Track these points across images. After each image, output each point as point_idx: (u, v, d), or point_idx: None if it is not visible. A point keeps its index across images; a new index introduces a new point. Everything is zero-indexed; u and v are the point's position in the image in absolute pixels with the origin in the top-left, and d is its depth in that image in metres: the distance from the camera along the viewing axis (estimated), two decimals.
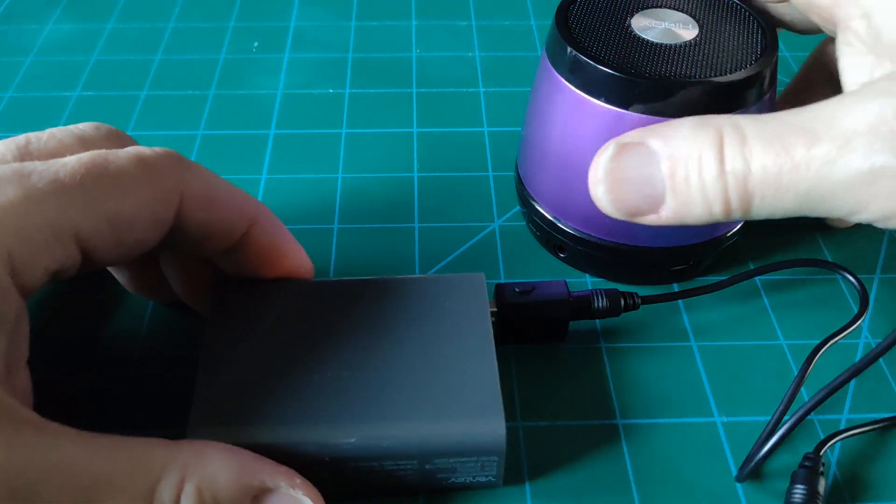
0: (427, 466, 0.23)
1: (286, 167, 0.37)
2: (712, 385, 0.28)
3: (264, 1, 0.50)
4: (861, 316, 0.29)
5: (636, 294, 0.29)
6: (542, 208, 0.31)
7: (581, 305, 0.28)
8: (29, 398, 0.21)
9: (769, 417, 0.26)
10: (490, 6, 0.49)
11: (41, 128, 0.24)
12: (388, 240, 0.33)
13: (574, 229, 0.30)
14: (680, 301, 0.31)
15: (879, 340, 0.29)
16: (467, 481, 0.24)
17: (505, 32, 0.47)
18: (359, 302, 0.26)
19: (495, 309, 0.28)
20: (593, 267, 0.32)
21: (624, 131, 0.24)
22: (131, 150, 0.22)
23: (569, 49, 0.27)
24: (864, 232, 0.34)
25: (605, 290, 0.29)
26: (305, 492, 0.22)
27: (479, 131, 0.39)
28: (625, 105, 0.27)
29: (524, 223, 0.34)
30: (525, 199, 0.32)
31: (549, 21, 0.48)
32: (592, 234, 0.30)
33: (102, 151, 0.22)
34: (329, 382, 0.24)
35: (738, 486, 0.25)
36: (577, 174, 0.29)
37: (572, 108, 0.28)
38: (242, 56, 0.45)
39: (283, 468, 0.22)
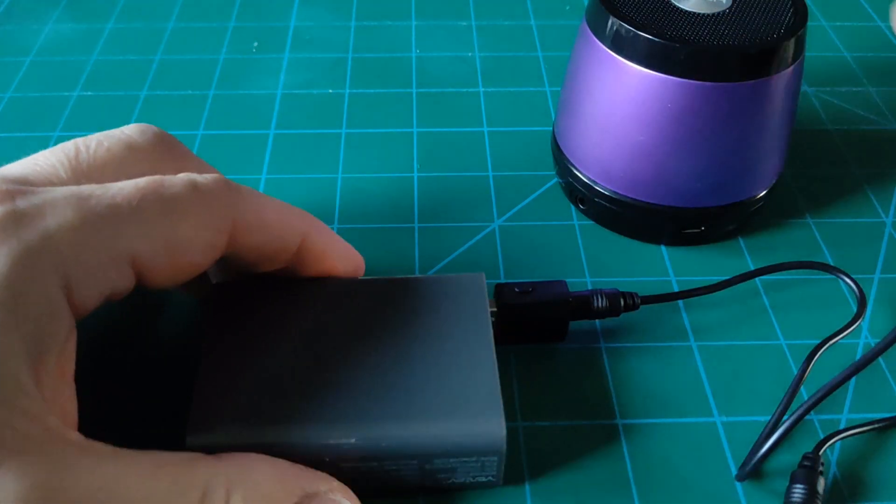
0: (427, 467, 0.23)
1: (286, 167, 0.37)
2: (712, 385, 0.28)
3: (264, 1, 0.50)
4: (859, 318, 0.29)
5: (636, 294, 0.29)
6: (578, 170, 0.34)
7: (581, 305, 0.28)
8: (73, 418, 0.20)
9: (769, 417, 0.26)
10: (490, 6, 0.49)
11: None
12: (388, 240, 0.33)
13: (609, 190, 0.33)
14: (680, 301, 0.31)
15: (879, 340, 0.30)
16: (467, 481, 0.24)
17: (505, 32, 0.47)
18: (358, 302, 0.26)
19: (495, 309, 0.28)
20: (614, 223, 0.34)
21: (664, 95, 0.29)
22: (184, 176, 0.23)
23: (611, 18, 0.30)
24: (864, 232, 0.34)
25: (605, 290, 0.29)
26: (343, 495, 0.22)
27: (479, 131, 0.39)
28: (666, 70, 0.29)
29: (524, 223, 0.34)
30: (561, 161, 0.34)
31: (549, 21, 0.48)
32: (627, 195, 0.32)
33: (157, 178, 0.22)
34: (328, 382, 0.24)
35: (738, 485, 0.25)
36: (618, 138, 0.31)
37: (614, 75, 0.30)
38: (242, 56, 0.45)
39: (320, 473, 0.22)
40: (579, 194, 0.34)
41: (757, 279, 0.32)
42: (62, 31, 0.47)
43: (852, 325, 0.29)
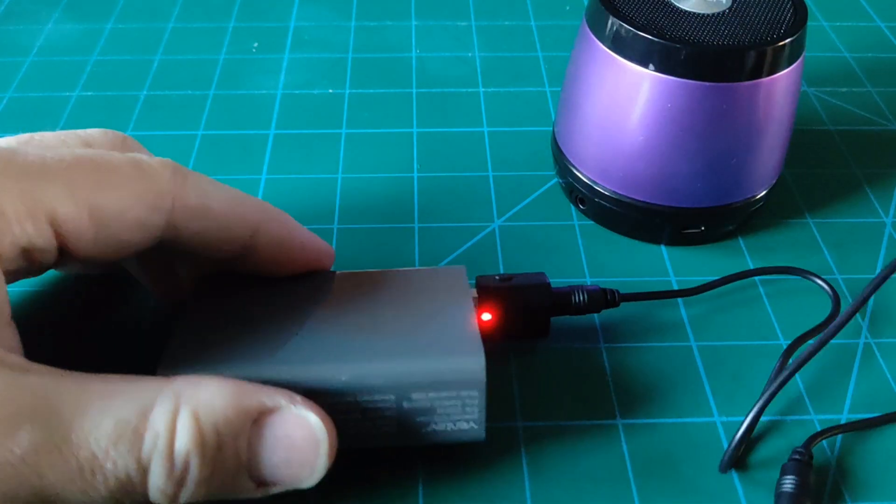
0: (405, 405, 0.23)
1: (286, 167, 0.37)
2: (712, 385, 0.28)
3: (264, 1, 0.50)
4: (834, 317, 0.29)
5: (616, 291, 0.29)
6: (578, 170, 0.33)
7: (561, 299, 0.28)
8: (17, 349, 0.20)
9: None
10: (490, 6, 0.49)
11: (41, 128, 0.25)
12: (388, 240, 0.33)
13: (609, 190, 0.32)
14: (680, 300, 0.31)
15: (880, 341, 0.30)
16: (448, 428, 0.24)
17: (505, 32, 0.47)
18: (341, 287, 0.26)
19: (476, 296, 0.27)
20: (614, 223, 0.34)
21: (664, 95, 0.29)
22: (130, 154, 0.22)
23: (611, 18, 0.30)
24: (864, 232, 0.34)
25: (585, 286, 0.29)
26: (308, 408, 0.21)
27: (479, 131, 0.39)
28: (666, 70, 0.29)
29: (524, 223, 0.34)
30: (561, 161, 0.34)
31: (549, 21, 0.48)
32: (627, 195, 0.32)
33: (100, 150, 0.22)
34: (307, 335, 0.24)
35: (738, 486, 0.25)
36: (618, 138, 0.31)
37: (614, 75, 0.30)
38: (242, 56, 0.45)
39: (282, 389, 0.21)
40: (579, 194, 0.34)
41: (756, 278, 0.32)
42: (62, 31, 0.47)
43: (827, 324, 0.29)
